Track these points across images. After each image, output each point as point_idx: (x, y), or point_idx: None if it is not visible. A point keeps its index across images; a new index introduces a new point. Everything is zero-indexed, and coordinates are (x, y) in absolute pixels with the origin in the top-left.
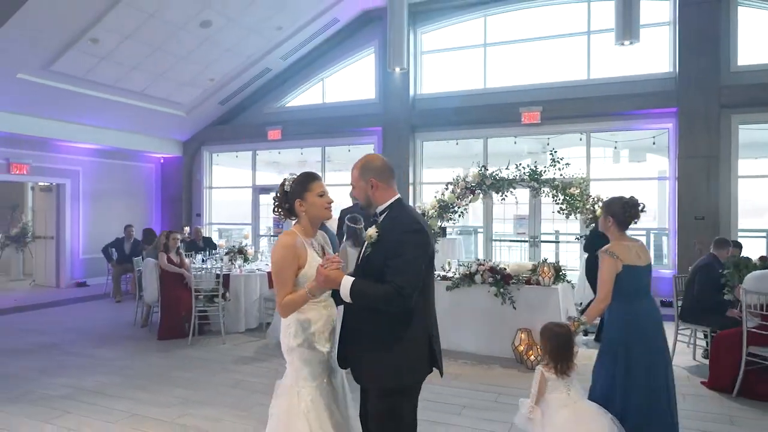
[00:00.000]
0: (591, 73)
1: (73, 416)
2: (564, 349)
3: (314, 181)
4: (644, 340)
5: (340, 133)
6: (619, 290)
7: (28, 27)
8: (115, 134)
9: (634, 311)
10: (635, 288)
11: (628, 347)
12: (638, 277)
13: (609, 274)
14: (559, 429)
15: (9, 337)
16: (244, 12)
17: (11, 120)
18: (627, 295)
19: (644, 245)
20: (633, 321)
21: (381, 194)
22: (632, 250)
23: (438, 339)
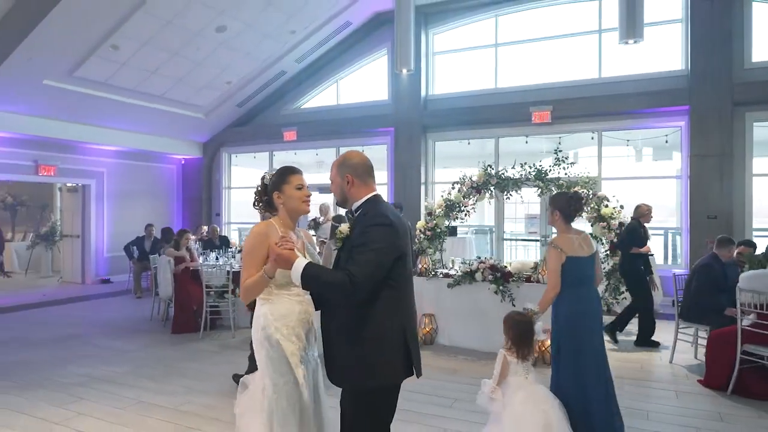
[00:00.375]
0: (602, 72)
1: (86, 402)
2: (525, 336)
3: (292, 174)
4: (589, 326)
5: (354, 134)
6: (563, 280)
7: (52, 36)
8: (137, 137)
9: (579, 299)
10: (579, 277)
11: (577, 334)
12: (581, 267)
13: (555, 265)
14: (515, 408)
15: (35, 329)
16: (258, 17)
17: (39, 124)
18: (571, 284)
19: (588, 237)
20: (578, 309)
21: (357, 191)
22: (575, 242)
23: (416, 339)
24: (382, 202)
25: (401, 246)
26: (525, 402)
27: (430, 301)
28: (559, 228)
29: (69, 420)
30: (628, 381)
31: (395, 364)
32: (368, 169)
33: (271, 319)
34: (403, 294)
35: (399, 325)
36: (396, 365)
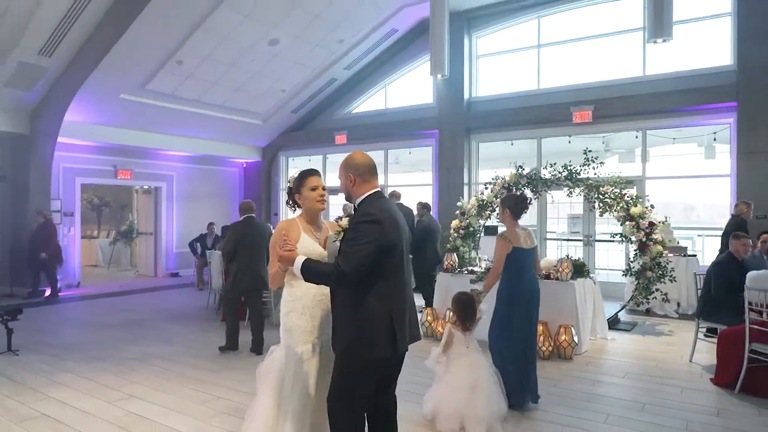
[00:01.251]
0: (646, 70)
1: (137, 372)
2: (467, 312)
3: (308, 176)
4: (524, 307)
5: (401, 136)
6: (508, 266)
7: (126, 55)
8: (202, 142)
9: (519, 283)
10: (520, 265)
11: (510, 312)
12: (523, 257)
13: (501, 254)
14: (456, 372)
15: (109, 314)
16: (307, 29)
17: (117, 133)
18: (514, 270)
19: (531, 233)
20: (517, 292)
21: (358, 188)
22: (521, 236)
23: (403, 321)
24: (380, 198)
25: (390, 240)
26: (462, 366)
27: None
28: (508, 224)
29: (122, 386)
30: (636, 376)
31: (380, 342)
32: (369, 169)
33: (290, 299)
34: (393, 282)
35: (387, 310)
36: (381, 343)
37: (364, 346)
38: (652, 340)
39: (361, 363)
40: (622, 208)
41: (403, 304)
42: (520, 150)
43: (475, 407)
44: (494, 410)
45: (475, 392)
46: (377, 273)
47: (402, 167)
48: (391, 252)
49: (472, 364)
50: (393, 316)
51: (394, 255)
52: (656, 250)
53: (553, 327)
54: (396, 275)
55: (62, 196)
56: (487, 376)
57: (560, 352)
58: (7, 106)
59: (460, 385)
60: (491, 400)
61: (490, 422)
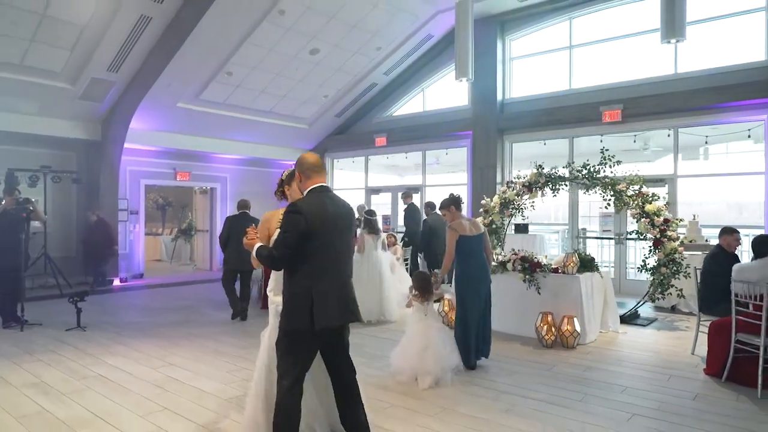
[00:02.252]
0: (678, 68)
1: (179, 347)
2: (424, 287)
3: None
4: (475, 286)
5: (437, 138)
6: (458, 252)
7: (182, 68)
8: (253, 146)
9: (468, 266)
10: (468, 251)
11: (465, 291)
12: (470, 243)
13: (451, 242)
14: (412, 334)
15: (165, 301)
16: (345, 38)
17: (175, 139)
18: (464, 255)
19: (477, 222)
20: (468, 272)
21: (304, 185)
22: (466, 226)
23: (325, 300)
24: (317, 192)
25: (310, 228)
26: (418, 330)
27: None
28: (454, 217)
29: (165, 357)
30: (631, 364)
31: (300, 317)
32: (311, 167)
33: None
34: (314, 266)
35: (307, 289)
36: (300, 317)
37: (288, 318)
38: (665, 334)
39: (289, 333)
40: (638, 205)
41: (328, 285)
42: (554, 149)
43: (425, 363)
44: (443, 365)
45: (427, 351)
46: (301, 256)
47: (442, 167)
48: (313, 238)
49: (427, 328)
50: (313, 295)
51: (317, 241)
52: (671, 247)
53: (557, 318)
54: (319, 259)
55: (128, 196)
56: (438, 338)
57: (563, 341)
58: (82, 116)
59: (414, 345)
60: (440, 357)
61: (438, 375)
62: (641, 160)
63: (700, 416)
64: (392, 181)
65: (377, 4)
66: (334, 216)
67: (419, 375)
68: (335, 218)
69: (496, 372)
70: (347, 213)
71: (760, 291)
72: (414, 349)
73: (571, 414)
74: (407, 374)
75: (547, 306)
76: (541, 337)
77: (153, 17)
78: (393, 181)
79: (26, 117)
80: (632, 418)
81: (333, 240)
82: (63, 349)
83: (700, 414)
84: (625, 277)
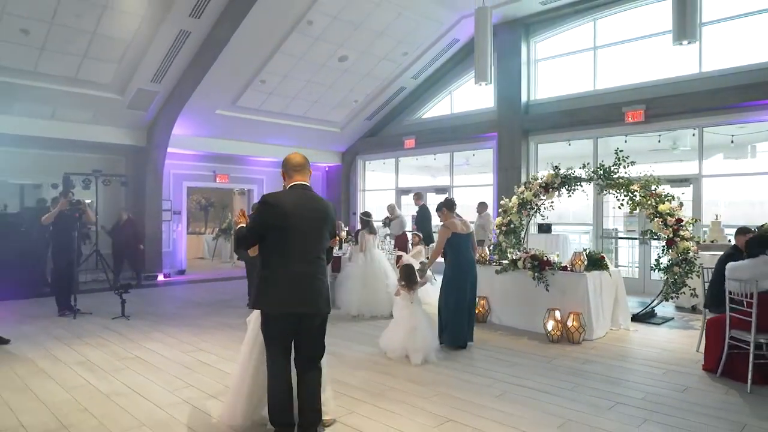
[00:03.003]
0: (702, 67)
1: (211, 335)
2: (410, 277)
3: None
4: (463, 275)
5: (464, 140)
6: (449, 248)
7: (218, 78)
8: (288, 149)
9: (458, 261)
10: (458, 247)
11: (458, 281)
12: (460, 240)
13: (443, 238)
14: (400, 318)
15: (203, 295)
16: (372, 45)
17: (215, 143)
18: (454, 251)
19: (467, 222)
20: (460, 268)
21: (286, 182)
22: (458, 224)
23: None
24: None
25: (274, 220)
26: (405, 315)
27: (485, 286)
28: (447, 216)
29: (197, 343)
30: (631, 359)
31: (263, 299)
32: (293, 166)
33: None
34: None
35: (269, 274)
36: (263, 299)
37: (254, 299)
38: (677, 332)
39: (264, 315)
40: (650, 205)
41: (287, 274)
42: (579, 150)
43: (415, 342)
44: (428, 344)
45: (415, 332)
46: (265, 246)
47: (471, 168)
48: (276, 229)
49: (413, 313)
50: (274, 281)
51: (280, 232)
52: (683, 246)
53: (564, 314)
54: (281, 249)
55: (172, 198)
56: (423, 322)
57: (569, 336)
58: (129, 124)
59: (403, 327)
60: (425, 337)
61: (426, 352)
62: (672, 160)
63: (682, 406)
64: (424, 182)
65: (402, 12)
66: (302, 211)
67: (410, 352)
68: (303, 213)
69: (496, 363)
70: (321, 210)
71: (750, 289)
72: (403, 330)
73: (557, 401)
74: (398, 352)
75: (555, 303)
76: (548, 333)
77: (191, 32)
78: (425, 181)
79: (80, 125)
80: (615, 406)
81: (297, 233)
82: (108, 335)
83: (684, 405)
84: (650, 277)
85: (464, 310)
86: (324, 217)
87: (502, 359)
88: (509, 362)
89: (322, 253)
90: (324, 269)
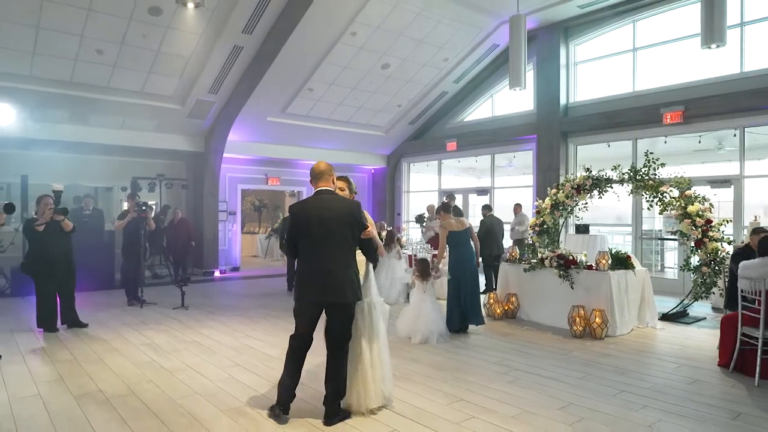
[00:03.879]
0: (744, 66)
1: (258, 324)
2: (423, 270)
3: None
4: (463, 268)
5: (505, 142)
6: (450, 244)
7: (269, 88)
8: (335, 153)
9: (458, 254)
10: (456, 243)
11: (457, 273)
12: (458, 236)
13: (443, 237)
14: (413, 305)
15: (254, 289)
16: (413, 52)
17: (266, 148)
18: (454, 246)
19: (462, 220)
20: (458, 260)
21: (313, 188)
22: (454, 224)
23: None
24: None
25: (297, 226)
26: (417, 302)
27: (515, 283)
28: (445, 218)
29: (246, 330)
30: (649, 354)
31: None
32: (315, 175)
33: None
34: (303, 256)
35: (300, 272)
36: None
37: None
38: (704, 331)
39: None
40: (680, 206)
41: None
42: (619, 151)
43: (417, 325)
44: (431, 329)
45: (419, 317)
46: (298, 249)
47: (514, 169)
48: (301, 234)
49: (422, 301)
50: (303, 278)
51: (305, 236)
52: (712, 247)
53: (588, 311)
54: (307, 249)
55: (227, 199)
56: (430, 308)
57: (592, 332)
58: (189, 131)
59: (411, 313)
60: (428, 321)
61: (425, 335)
62: (713, 161)
63: (684, 396)
64: (468, 183)
65: (441, 20)
66: (323, 213)
67: (411, 334)
68: (324, 215)
69: (515, 353)
70: (340, 210)
71: (759, 287)
72: (410, 315)
73: (565, 387)
74: (404, 333)
75: (580, 300)
76: (572, 328)
77: (244, 47)
78: (469, 182)
79: (146, 133)
80: (619, 393)
81: (318, 234)
82: (170, 322)
83: (687, 395)
84: (690, 277)
85: (463, 297)
86: (343, 217)
87: (521, 351)
88: (528, 354)
89: (347, 249)
90: (347, 263)
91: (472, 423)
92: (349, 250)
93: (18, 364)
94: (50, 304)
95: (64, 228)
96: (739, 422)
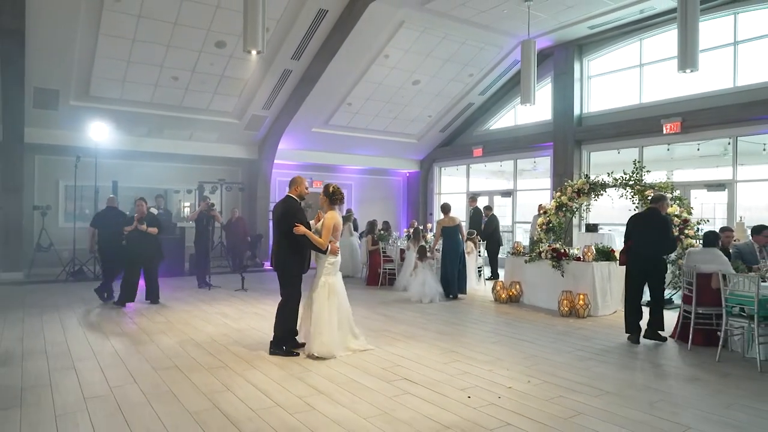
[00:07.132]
0: (737, 81)
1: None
2: (422, 252)
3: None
4: (447, 252)
5: (525, 149)
6: (444, 235)
7: (313, 104)
8: (373, 159)
9: (448, 243)
10: (448, 234)
11: (447, 254)
12: (449, 230)
13: (438, 230)
14: (418, 274)
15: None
16: (441, 69)
17: (311, 155)
18: (445, 236)
19: (453, 217)
20: (447, 246)
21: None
22: (447, 221)
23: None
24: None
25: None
26: (418, 274)
27: (519, 273)
28: (445, 215)
29: None
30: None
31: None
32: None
33: None
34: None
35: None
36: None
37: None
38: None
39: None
40: None
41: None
42: (628, 157)
43: (425, 289)
44: (430, 292)
45: (425, 284)
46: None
47: (538, 173)
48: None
49: (424, 272)
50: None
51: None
52: (687, 243)
53: (575, 295)
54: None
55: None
56: (431, 278)
57: (576, 312)
58: (245, 141)
59: (418, 281)
60: (431, 287)
61: (431, 296)
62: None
63: (625, 354)
64: (495, 186)
65: (465, 41)
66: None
67: (422, 297)
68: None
69: (506, 325)
70: (277, 210)
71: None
72: (417, 282)
73: (534, 347)
74: (415, 297)
75: (569, 286)
76: (560, 309)
77: (293, 70)
78: (496, 185)
79: (209, 144)
80: (574, 351)
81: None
82: (233, 300)
83: (628, 354)
84: None
85: (451, 273)
86: (278, 215)
87: (512, 324)
88: (516, 326)
89: (283, 239)
90: (283, 247)
91: (455, 364)
92: (285, 239)
93: (130, 324)
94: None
95: (151, 232)
96: (658, 369)
